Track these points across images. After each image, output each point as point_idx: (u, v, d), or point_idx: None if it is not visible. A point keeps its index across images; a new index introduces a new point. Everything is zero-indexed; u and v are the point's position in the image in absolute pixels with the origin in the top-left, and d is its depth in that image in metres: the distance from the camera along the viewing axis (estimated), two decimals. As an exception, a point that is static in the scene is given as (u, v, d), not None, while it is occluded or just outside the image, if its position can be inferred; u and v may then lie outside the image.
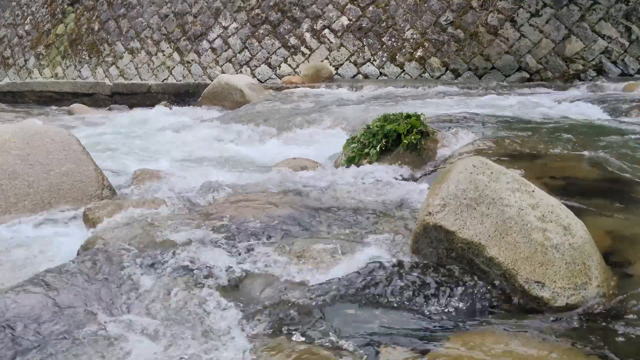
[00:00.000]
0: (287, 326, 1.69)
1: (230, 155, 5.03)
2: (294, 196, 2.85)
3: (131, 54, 12.58)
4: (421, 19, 9.96)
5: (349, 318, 1.72)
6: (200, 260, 2.07)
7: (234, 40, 11.50)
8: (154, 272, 2.01)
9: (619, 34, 8.61)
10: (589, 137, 3.74)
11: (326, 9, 10.78)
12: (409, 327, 1.68)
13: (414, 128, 3.57)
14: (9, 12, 14.86)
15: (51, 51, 13.77)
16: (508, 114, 5.18)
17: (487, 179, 1.96)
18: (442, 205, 1.92)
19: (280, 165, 3.85)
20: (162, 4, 12.49)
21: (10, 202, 2.96)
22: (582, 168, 3.01)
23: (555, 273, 1.77)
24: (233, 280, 1.98)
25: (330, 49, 10.60)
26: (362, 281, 1.88)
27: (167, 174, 3.55)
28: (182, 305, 1.81)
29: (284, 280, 1.97)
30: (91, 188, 3.16)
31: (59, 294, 1.86)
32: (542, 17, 9.10)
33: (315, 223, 2.46)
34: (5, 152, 3.10)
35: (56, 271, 2.03)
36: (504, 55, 9.27)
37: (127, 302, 1.84)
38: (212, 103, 8.36)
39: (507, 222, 1.86)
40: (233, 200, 2.78)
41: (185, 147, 5.44)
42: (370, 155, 3.59)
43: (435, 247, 1.95)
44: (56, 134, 3.33)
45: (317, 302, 1.81)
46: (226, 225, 2.41)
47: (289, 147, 5.11)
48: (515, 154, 3.24)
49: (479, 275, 1.85)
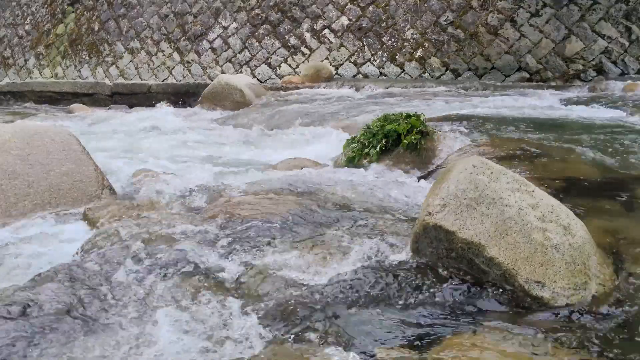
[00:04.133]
0: (286, 326, 1.69)
1: (230, 155, 5.03)
2: (294, 196, 2.85)
3: (131, 54, 12.57)
4: (421, 19, 9.96)
5: (348, 318, 1.72)
6: (201, 261, 2.08)
7: (234, 40, 11.50)
8: (154, 272, 2.01)
9: (619, 34, 8.60)
10: (589, 137, 3.74)
11: (326, 9, 10.78)
12: (409, 327, 1.68)
13: (414, 128, 3.57)
14: (9, 12, 14.85)
15: (51, 51, 13.77)
16: (508, 113, 5.18)
17: (487, 179, 1.96)
18: (442, 205, 1.92)
19: (280, 166, 3.85)
20: (162, 4, 12.49)
21: (10, 202, 2.96)
22: (582, 168, 3.01)
23: (555, 273, 1.77)
24: (233, 280, 1.98)
25: (330, 49, 10.60)
26: (361, 281, 1.88)
27: (167, 174, 3.55)
28: (183, 306, 1.81)
29: (284, 280, 1.96)
30: (91, 188, 3.16)
31: (59, 294, 1.86)
32: (542, 17, 9.09)
33: (315, 223, 2.45)
34: (5, 152, 3.10)
35: (56, 272, 2.03)
36: (504, 55, 9.27)
37: (127, 303, 1.84)
38: (212, 103, 8.36)
39: (507, 222, 1.86)
40: (233, 200, 2.78)
41: (185, 147, 5.44)
42: (370, 155, 3.59)
43: (435, 247, 1.95)
44: (56, 134, 3.33)
45: (316, 301, 1.80)
46: (226, 226, 2.41)
47: (289, 147, 5.11)
48: (515, 154, 3.24)
49: (479, 275, 1.85)
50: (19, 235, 2.68)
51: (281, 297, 1.84)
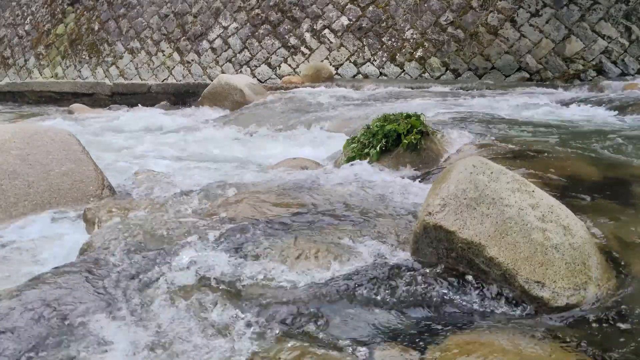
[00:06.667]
0: (286, 326, 1.69)
1: (230, 155, 5.03)
2: (294, 196, 2.85)
3: (131, 54, 12.58)
4: (421, 19, 9.96)
5: (348, 317, 1.72)
6: (201, 261, 2.07)
7: (234, 40, 11.50)
8: (154, 272, 2.01)
9: (619, 34, 8.61)
10: (589, 137, 3.74)
11: (326, 9, 10.78)
12: (408, 327, 1.68)
13: (414, 128, 3.57)
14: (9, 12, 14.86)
15: (51, 51, 13.77)
16: (508, 113, 5.18)
17: (487, 179, 1.96)
18: (442, 205, 1.92)
19: (280, 165, 3.84)
20: (162, 4, 12.50)
21: (10, 202, 2.95)
22: (582, 168, 3.01)
23: (555, 273, 1.77)
24: (233, 280, 1.98)
25: (330, 49, 10.60)
26: (361, 281, 1.88)
27: (167, 174, 3.55)
28: (183, 306, 1.81)
29: (284, 280, 1.96)
30: (91, 188, 3.16)
31: (59, 295, 1.86)
32: (542, 17, 9.10)
33: (315, 223, 2.45)
34: (5, 152, 3.10)
35: (56, 272, 2.03)
36: (504, 55, 9.27)
37: (128, 303, 1.84)
38: (212, 103, 8.36)
39: (507, 222, 1.85)
40: (233, 200, 2.78)
41: (185, 147, 5.44)
42: (370, 155, 3.59)
43: (435, 247, 1.95)
44: (56, 134, 3.33)
45: (316, 301, 1.80)
46: (226, 226, 2.41)
47: (289, 147, 5.11)
48: (516, 154, 3.24)
49: (479, 275, 1.85)
50: (18, 236, 2.68)
51: (281, 297, 1.84)
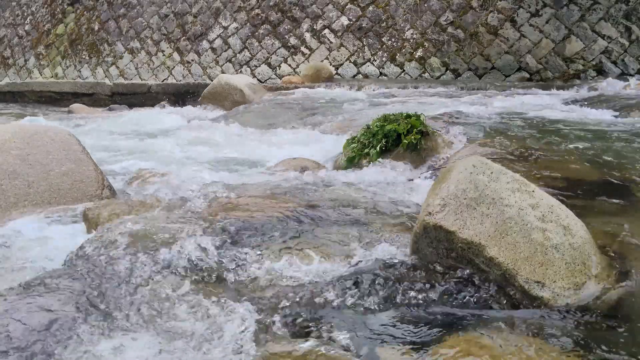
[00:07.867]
0: (286, 326, 1.69)
1: (230, 155, 5.03)
2: (294, 196, 2.85)
3: (131, 54, 12.58)
4: (421, 19, 9.96)
5: (348, 317, 1.72)
6: (201, 261, 2.07)
7: (234, 40, 11.50)
8: (154, 273, 2.01)
9: (619, 34, 8.61)
10: (589, 137, 3.74)
11: (326, 9, 10.78)
12: (408, 327, 1.68)
13: (414, 128, 3.57)
14: (9, 12, 14.86)
15: (51, 51, 13.77)
16: (508, 113, 5.18)
17: (487, 179, 1.96)
18: (442, 205, 1.92)
19: (280, 166, 3.84)
20: (162, 4, 12.50)
21: (10, 202, 2.95)
22: (582, 168, 3.01)
23: (555, 273, 1.77)
24: (233, 280, 1.98)
25: (330, 49, 10.60)
26: (361, 281, 1.88)
27: (167, 174, 3.54)
28: (183, 307, 1.81)
29: (285, 280, 1.96)
30: (91, 188, 3.16)
31: (59, 295, 1.86)
32: (542, 17, 9.10)
33: (315, 223, 2.45)
34: (5, 152, 3.10)
35: (56, 272, 2.02)
36: (504, 55, 9.27)
37: (128, 303, 1.84)
38: (212, 103, 8.37)
39: (507, 222, 1.85)
40: (233, 200, 2.77)
41: (185, 148, 5.44)
42: (370, 155, 3.59)
43: (435, 247, 1.95)
44: (56, 134, 3.33)
45: (316, 301, 1.81)
46: (227, 226, 2.41)
47: (289, 147, 5.10)
48: (516, 154, 3.24)
49: (479, 275, 1.85)
50: (18, 235, 2.68)
51: (281, 297, 1.84)
